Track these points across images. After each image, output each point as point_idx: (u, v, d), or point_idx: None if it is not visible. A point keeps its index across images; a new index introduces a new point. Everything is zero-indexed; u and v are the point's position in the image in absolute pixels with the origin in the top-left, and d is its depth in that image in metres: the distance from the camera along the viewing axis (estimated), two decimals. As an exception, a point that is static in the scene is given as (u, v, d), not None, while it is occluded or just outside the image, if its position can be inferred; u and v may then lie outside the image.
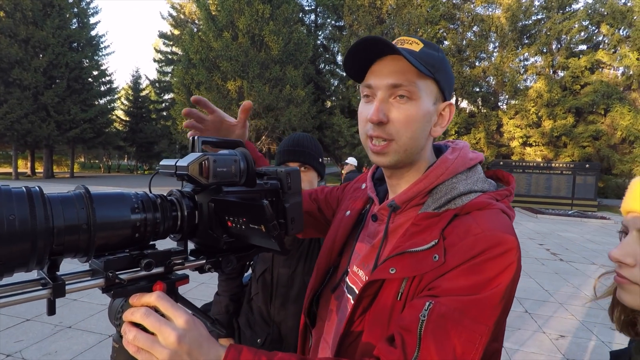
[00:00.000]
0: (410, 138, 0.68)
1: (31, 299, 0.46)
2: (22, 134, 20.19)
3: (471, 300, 0.56)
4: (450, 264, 0.60)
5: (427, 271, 0.61)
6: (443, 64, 0.70)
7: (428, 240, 0.63)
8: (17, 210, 0.42)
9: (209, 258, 0.65)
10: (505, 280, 0.58)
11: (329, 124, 19.45)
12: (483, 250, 0.58)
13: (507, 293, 0.58)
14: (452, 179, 0.70)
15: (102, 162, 41.12)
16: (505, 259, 0.58)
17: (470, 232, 0.61)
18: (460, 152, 0.74)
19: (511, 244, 0.59)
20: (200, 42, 17.11)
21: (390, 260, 0.66)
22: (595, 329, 3.82)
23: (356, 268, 0.79)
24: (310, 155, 1.34)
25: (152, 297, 0.53)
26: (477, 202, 0.66)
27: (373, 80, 0.69)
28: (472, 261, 0.58)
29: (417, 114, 0.67)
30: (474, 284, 0.57)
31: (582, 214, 14.15)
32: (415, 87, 0.67)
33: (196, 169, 0.56)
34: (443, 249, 0.61)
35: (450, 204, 0.67)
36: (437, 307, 0.57)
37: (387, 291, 0.66)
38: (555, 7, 19.07)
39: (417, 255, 0.63)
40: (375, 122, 0.67)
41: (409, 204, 0.72)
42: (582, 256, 7.25)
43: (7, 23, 19.21)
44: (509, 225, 0.63)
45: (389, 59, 0.68)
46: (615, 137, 16.77)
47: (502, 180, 0.78)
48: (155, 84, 32.37)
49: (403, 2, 18.35)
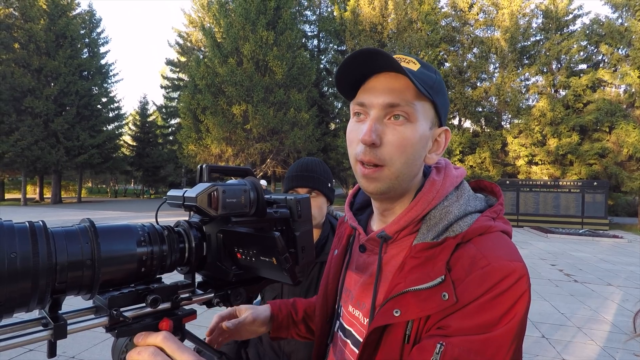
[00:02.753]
0: (403, 164, 0.63)
1: (31, 342, 0.44)
2: (32, 160, 20.56)
3: (485, 339, 0.53)
4: (461, 302, 0.56)
5: (436, 311, 0.57)
6: (441, 87, 0.66)
7: (433, 277, 0.58)
8: (19, 247, 0.41)
9: (218, 291, 0.62)
10: (519, 313, 0.55)
11: (333, 146, 19.59)
12: (493, 285, 0.55)
13: (521, 324, 0.55)
14: (443, 202, 0.66)
15: (109, 186, 41.54)
16: (516, 290, 0.55)
17: (477, 264, 0.57)
18: (445, 171, 0.70)
19: (520, 271, 0.56)
20: (206, 68, 17.57)
21: (393, 301, 0.61)
22: (618, 355, 3.64)
23: (351, 308, 0.73)
24: (319, 180, 1.32)
25: (157, 338, 0.50)
26: (477, 228, 0.62)
27: (367, 98, 0.64)
28: (483, 297, 0.55)
29: (413, 137, 0.63)
30: (487, 321, 0.54)
31: (594, 232, 13.87)
32: (413, 108, 0.62)
33: (205, 200, 0.54)
34: (452, 286, 0.57)
35: (448, 231, 0.62)
36: (450, 349, 0.53)
37: (392, 334, 0.61)
38: (553, 29, 19.43)
39: (423, 293, 0.58)
40: (368, 144, 0.62)
41: (401, 234, 0.67)
42: (596, 277, 7.03)
43: (22, 54, 19.97)
44: (513, 249, 0.60)
45: (385, 76, 0.63)
46: (621, 154, 16.64)
47: (486, 190, 0.75)
48: (161, 110, 33.07)
49: (403, 26, 18.83)
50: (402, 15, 18.81)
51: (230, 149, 17.53)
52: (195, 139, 18.18)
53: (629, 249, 11.05)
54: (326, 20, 21.78)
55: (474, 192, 0.71)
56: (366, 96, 0.64)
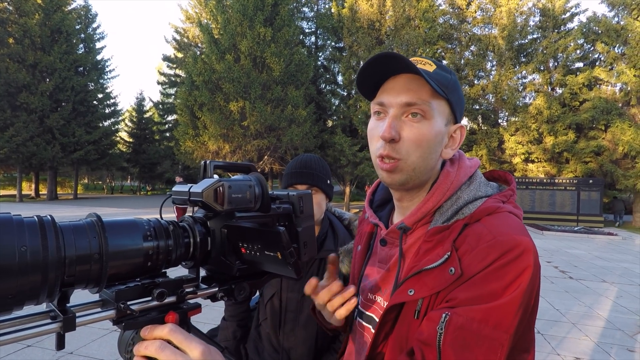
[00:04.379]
0: (419, 157, 0.67)
1: (41, 334, 0.44)
2: (28, 157, 20.43)
3: (488, 308, 0.55)
4: (466, 274, 0.58)
5: (445, 287, 0.60)
6: (455, 86, 0.70)
7: (441, 255, 0.62)
8: (29, 240, 0.41)
9: (221, 285, 0.63)
10: (523, 284, 0.55)
11: (330, 143, 19.58)
12: (498, 257, 0.56)
13: (526, 297, 0.56)
14: (456, 192, 0.69)
15: (105, 183, 41.34)
16: (521, 262, 0.56)
17: (483, 239, 0.59)
18: (459, 163, 0.73)
19: (525, 244, 0.57)
20: (203, 65, 17.47)
21: (408, 281, 0.64)
22: (612, 350, 3.69)
23: (370, 295, 0.76)
24: (318, 177, 1.32)
25: (164, 330, 0.51)
26: (485, 208, 0.64)
27: (386, 97, 0.68)
28: (487, 269, 0.57)
29: (429, 133, 0.67)
30: (490, 291, 0.56)
31: (589, 230, 13.99)
32: (429, 106, 0.66)
33: (211, 195, 0.55)
34: (457, 260, 0.60)
35: (458, 214, 0.66)
36: (455, 319, 0.55)
37: (406, 312, 0.65)
38: (551, 27, 19.48)
39: (433, 272, 0.62)
40: (387, 140, 0.66)
41: (419, 224, 0.71)
42: (591, 274, 7.10)
43: (16, 49, 19.77)
44: (521, 227, 0.62)
45: (403, 77, 0.68)
46: (617, 152, 16.77)
47: (500, 179, 0.77)
48: (158, 106, 32.90)
49: (401, 24, 18.79)
50: (400, 13, 18.77)
51: (227, 146, 17.48)
52: (192, 135, 18.11)
53: (624, 246, 11.16)
54: (324, 17, 21.67)
55: (486, 180, 0.74)
56: (385, 96, 0.69)
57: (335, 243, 1.37)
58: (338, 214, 1.51)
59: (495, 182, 0.76)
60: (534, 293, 0.58)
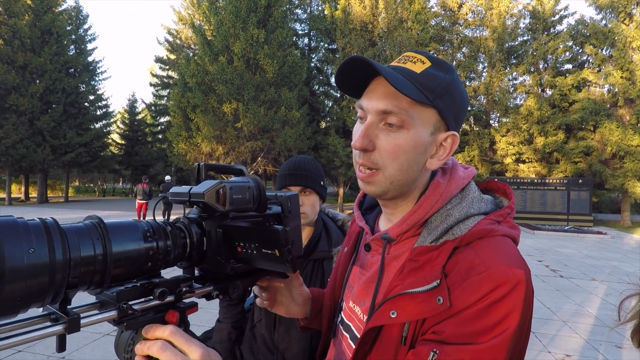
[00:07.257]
0: (397, 170, 0.62)
1: (45, 336, 0.45)
2: (17, 159, 20.09)
3: (479, 350, 0.52)
4: (455, 307, 0.55)
5: (431, 315, 0.57)
6: (449, 88, 0.62)
7: (429, 280, 0.58)
8: (35, 243, 0.42)
9: (215, 284, 0.64)
10: (513, 321, 0.53)
11: (324, 145, 19.60)
12: (489, 291, 0.54)
13: (516, 335, 0.53)
14: (446, 205, 0.64)
15: (97, 185, 40.84)
16: (512, 297, 0.53)
17: (474, 269, 0.56)
18: (451, 173, 0.68)
19: (519, 277, 0.54)
20: (196, 66, 17.39)
21: (390, 302, 0.61)
22: (602, 347, 3.76)
23: (352, 304, 0.75)
24: (311, 178, 1.34)
25: (165, 331, 0.52)
26: (477, 231, 0.60)
27: (365, 102, 0.64)
28: (478, 304, 0.54)
29: (407, 144, 0.61)
30: (480, 330, 0.53)
31: (579, 229, 14.21)
32: (408, 115, 0.60)
33: (213, 196, 0.57)
34: (447, 290, 0.56)
35: (447, 234, 0.61)
36: (443, 358, 0.53)
37: (388, 333, 0.61)
38: (540, 29, 19.75)
39: (419, 296, 0.58)
40: (358, 149, 0.62)
41: (404, 236, 0.67)
42: (581, 272, 7.21)
43: (5, 50, 19.46)
44: (514, 254, 0.58)
45: (384, 80, 0.61)
46: (605, 152, 17.04)
47: (498, 191, 0.71)
48: (151, 107, 32.61)
49: (394, 25, 18.91)
50: (393, 15, 18.90)
51: (220, 148, 17.41)
52: (186, 137, 18.00)
53: (613, 244, 11.34)
54: (317, 18, 21.73)
55: (480, 194, 0.68)
56: (365, 100, 0.65)
57: (329, 244, 1.39)
58: (331, 215, 1.52)
59: (492, 194, 0.72)
60: (525, 328, 0.55)
